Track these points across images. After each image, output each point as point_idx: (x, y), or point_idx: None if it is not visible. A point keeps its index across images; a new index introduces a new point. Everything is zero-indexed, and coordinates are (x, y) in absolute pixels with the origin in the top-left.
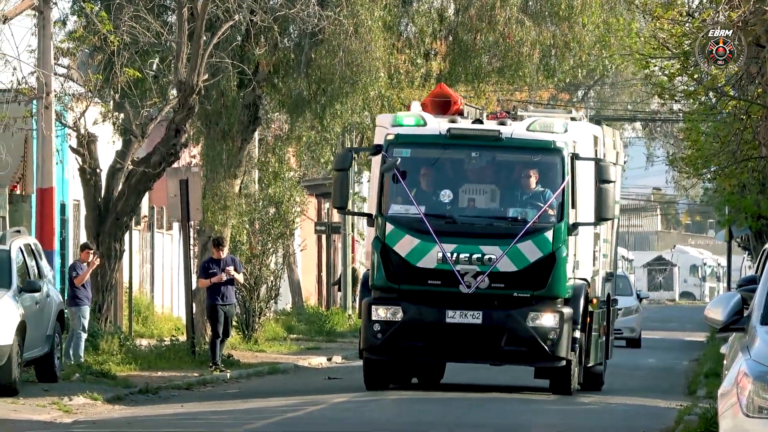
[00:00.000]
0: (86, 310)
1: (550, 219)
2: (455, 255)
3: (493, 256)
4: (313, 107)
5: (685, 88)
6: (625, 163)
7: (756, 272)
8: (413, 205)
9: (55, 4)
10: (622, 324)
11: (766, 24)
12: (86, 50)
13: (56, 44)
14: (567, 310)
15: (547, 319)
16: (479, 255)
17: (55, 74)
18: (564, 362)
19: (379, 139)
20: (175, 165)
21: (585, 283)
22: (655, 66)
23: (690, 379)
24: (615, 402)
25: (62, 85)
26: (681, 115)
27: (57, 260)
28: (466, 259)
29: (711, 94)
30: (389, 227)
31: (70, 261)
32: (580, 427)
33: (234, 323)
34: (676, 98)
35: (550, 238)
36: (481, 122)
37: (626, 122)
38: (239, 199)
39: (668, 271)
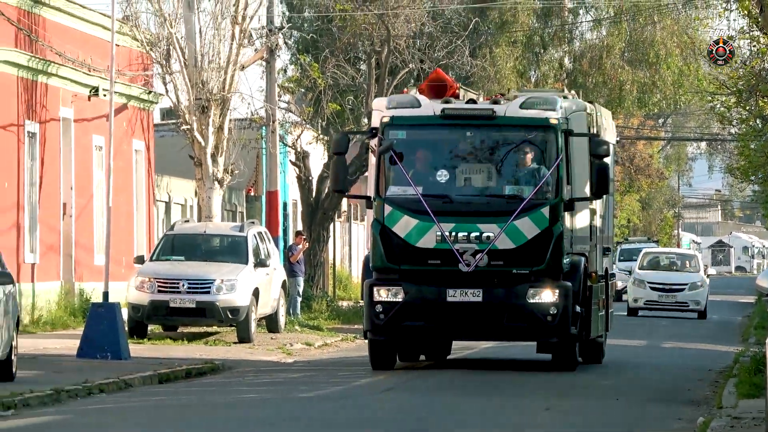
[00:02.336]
0: (301, 280)
1: (546, 195)
2: (454, 234)
3: (491, 234)
4: None
5: (740, 116)
6: (617, 142)
7: None
8: (411, 186)
9: (279, 56)
10: (689, 298)
11: None
12: (301, 90)
13: (279, 85)
14: (566, 285)
15: (546, 295)
16: (477, 233)
17: (279, 107)
18: (565, 337)
19: (375, 123)
20: (367, 173)
21: (583, 258)
22: (717, 101)
23: (743, 330)
24: (688, 347)
25: (284, 115)
26: (736, 135)
27: (281, 243)
28: (465, 237)
29: (758, 120)
30: (387, 209)
31: (289, 244)
32: (666, 364)
33: None
34: (733, 123)
35: (547, 215)
36: (475, 102)
37: (694, 141)
38: None
39: (726, 251)
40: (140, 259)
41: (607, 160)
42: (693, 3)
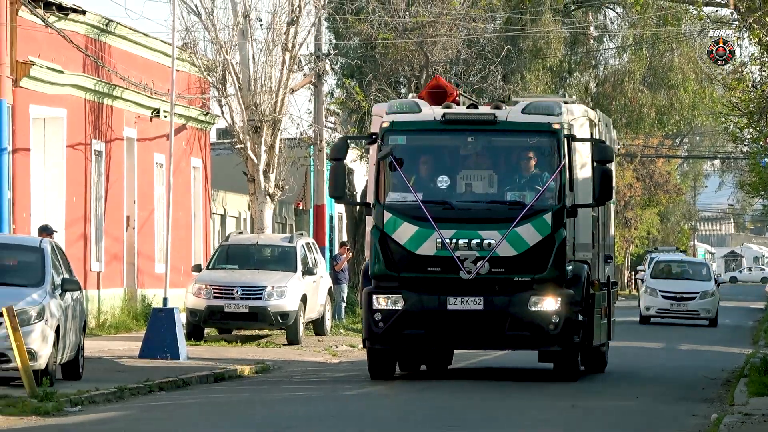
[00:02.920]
0: (345, 287)
1: (548, 202)
2: (454, 241)
3: (492, 241)
4: None
5: (751, 136)
6: (619, 149)
7: None
8: (410, 192)
9: (326, 80)
10: (700, 306)
11: None
12: (346, 111)
13: (326, 107)
14: (569, 293)
15: (548, 303)
16: (478, 240)
17: (325, 128)
18: (568, 346)
19: (375, 128)
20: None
21: (586, 265)
22: (730, 122)
23: (754, 334)
24: (703, 349)
25: (330, 135)
26: (748, 154)
27: (327, 253)
28: (466, 244)
29: None
30: (387, 215)
31: (334, 253)
32: (682, 366)
33: None
34: (745, 143)
35: (549, 221)
36: (477, 107)
37: (709, 159)
38: None
39: (738, 261)
40: (198, 268)
41: (610, 165)
42: (708, 32)
